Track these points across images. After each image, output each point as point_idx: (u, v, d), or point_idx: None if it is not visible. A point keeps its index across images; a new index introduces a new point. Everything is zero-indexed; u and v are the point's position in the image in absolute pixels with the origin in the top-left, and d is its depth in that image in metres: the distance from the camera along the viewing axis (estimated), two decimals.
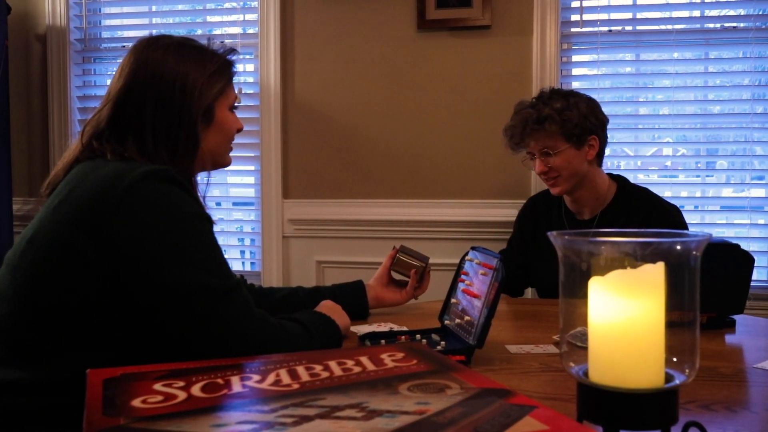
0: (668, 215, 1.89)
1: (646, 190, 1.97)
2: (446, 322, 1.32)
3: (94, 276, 0.99)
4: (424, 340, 1.26)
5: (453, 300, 1.33)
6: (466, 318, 1.21)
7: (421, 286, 1.61)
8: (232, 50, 1.25)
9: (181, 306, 1.00)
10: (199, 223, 1.05)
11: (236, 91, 1.25)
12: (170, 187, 1.03)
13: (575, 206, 2.01)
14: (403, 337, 1.28)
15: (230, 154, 1.28)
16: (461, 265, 1.34)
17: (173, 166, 1.10)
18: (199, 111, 1.15)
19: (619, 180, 2.00)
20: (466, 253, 1.33)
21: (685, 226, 1.92)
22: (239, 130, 1.26)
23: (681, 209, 1.95)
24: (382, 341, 1.27)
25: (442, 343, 1.24)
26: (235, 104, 1.25)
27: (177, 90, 1.12)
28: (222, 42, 1.26)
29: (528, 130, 1.91)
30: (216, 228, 1.12)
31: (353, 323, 1.39)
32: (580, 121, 1.87)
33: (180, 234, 1.02)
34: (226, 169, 3.25)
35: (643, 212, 1.90)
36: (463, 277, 1.31)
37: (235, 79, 1.25)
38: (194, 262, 1.01)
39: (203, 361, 0.77)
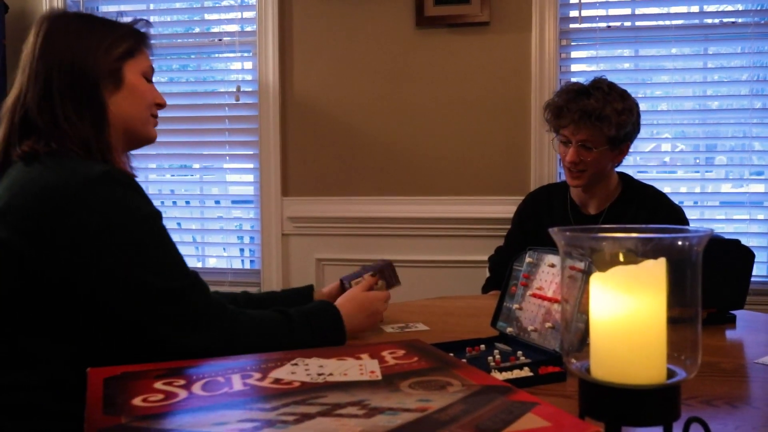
0: (676, 213, 1.90)
1: (652, 186, 1.97)
2: (509, 330, 1.22)
3: (37, 277, 0.97)
4: (496, 351, 1.15)
5: (515, 306, 1.23)
6: (547, 325, 1.13)
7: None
8: (142, 20, 1.24)
9: (134, 309, 0.99)
10: (154, 224, 1.03)
11: (150, 63, 1.21)
12: (119, 188, 1.01)
13: (583, 198, 1.97)
14: (473, 349, 1.18)
15: (156, 128, 1.23)
16: (517, 268, 1.27)
17: (93, 139, 1.07)
18: (101, 71, 1.12)
19: (624, 176, 2.00)
20: (519, 256, 1.27)
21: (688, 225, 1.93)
22: (161, 106, 1.22)
23: (681, 205, 1.95)
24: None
25: (519, 353, 1.14)
26: (151, 76, 1.21)
27: (76, 53, 1.11)
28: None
29: (584, 121, 1.83)
30: (215, 225, 1.10)
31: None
32: (630, 128, 1.86)
33: (133, 235, 1.00)
34: (225, 167, 3.20)
35: (650, 208, 1.89)
36: (524, 280, 1.23)
37: (232, 77, 1.23)
38: (145, 264, 1.00)
39: (204, 360, 0.77)
